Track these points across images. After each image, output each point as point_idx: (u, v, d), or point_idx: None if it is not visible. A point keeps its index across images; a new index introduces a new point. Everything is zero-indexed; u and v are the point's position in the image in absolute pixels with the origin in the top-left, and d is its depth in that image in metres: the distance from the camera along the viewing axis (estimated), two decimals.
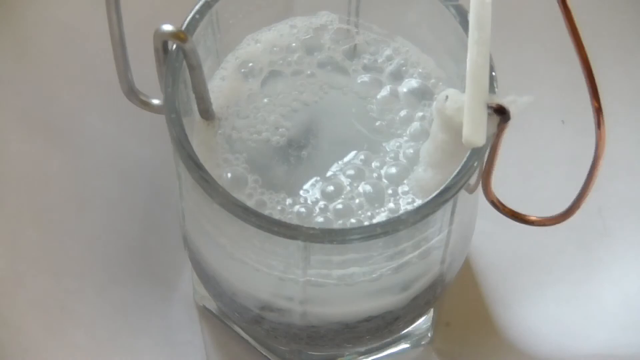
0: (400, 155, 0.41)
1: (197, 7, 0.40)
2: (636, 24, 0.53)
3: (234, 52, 0.43)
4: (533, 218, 0.39)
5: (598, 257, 0.50)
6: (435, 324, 0.50)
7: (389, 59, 0.43)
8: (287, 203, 0.40)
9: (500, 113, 0.35)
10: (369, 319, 0.42)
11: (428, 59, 0.43)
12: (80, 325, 0.48)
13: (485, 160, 0.37)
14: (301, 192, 0.40)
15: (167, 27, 0.37)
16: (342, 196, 0.40)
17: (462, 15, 0.39)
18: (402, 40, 0.43)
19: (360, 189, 0.40)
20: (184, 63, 0.38)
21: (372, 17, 0.44)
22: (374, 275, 0.39)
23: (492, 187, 0.38)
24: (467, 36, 0.36)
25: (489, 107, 0.35)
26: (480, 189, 0.39)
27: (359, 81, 0.43)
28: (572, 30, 0.35)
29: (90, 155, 0.51)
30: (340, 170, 0.41)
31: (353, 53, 0.44)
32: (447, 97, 0.37)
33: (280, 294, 0.41)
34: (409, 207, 0.39)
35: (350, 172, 0.41)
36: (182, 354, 0.49)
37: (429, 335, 0.50)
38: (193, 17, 0.40)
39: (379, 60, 0.43)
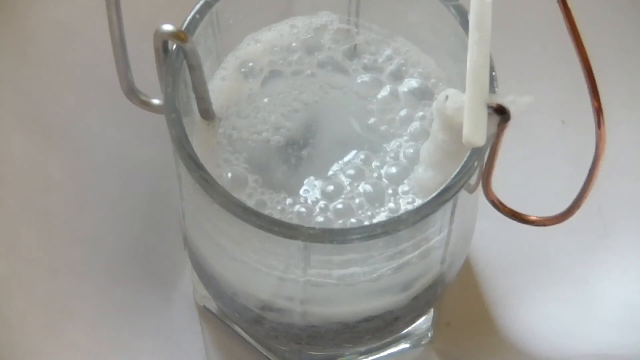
0: (401, 155, 0.41)
1: (197, 7, 0.40)
2: (636, 24, 0.53)
3: (234, 52, 0.43)
4: (533, 218, 0.39)
5: (598, 257, 0.50)
6: (436, 324, 0.50)
7: (389, 58, 0.43)
8: (287, 203, 0.40)
9: (500, 113, 0.35)
10: (369, 319, 0.42)
11: (428, 59, 0.43)
12: (80, 325, 0.48)
13: (485, 160, 0.37)
14: (301, 192, 0.40)
15: (167, 27, 0.37)
16: (342, 196, 0.40)
17: (462, 15, 0.39)
18: (402, 40, 0.43)
19: (361, 188, 0.40)
20: (184, 63, 0.38)
21: (372, 17, 0.44)
22: (374, 275, 0.39)
23: (492, 187, 0.38)
24: (467, 36, 0.36)
25: (489, 107, 0.35)
26: (480, 189, 0.39)
27: (359, 81, 0.43)
28: (572, 30, 0.35)
29: (91, 156, 0.51)
30: (341, 170, 0.41)
31: (353, 53, 0.44)
32: (447, 97, 0.37)
33: (280, 294, 0.41)
34: (409, 207, 0.39)
35: (351, 171, 0.41)
36: (182, 354, 0.49)
37: (429, 335, 0.50)
38: (193, 17, 0.40)
39: (379, 60, 0.43)
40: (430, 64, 0.43)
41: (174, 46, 0.38)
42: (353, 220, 0.39)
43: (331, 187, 0.40)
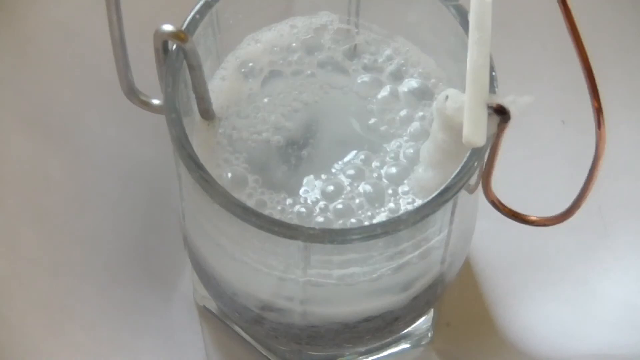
0: (401, 155, 0.41)
1: (197, 7, 0.40)
2: (636, 24, 0.53)
3: (234, 52, 0.43)
4: (533, 218, 0.39)
5: (598, 257, 0.50)
6: (436, 324, 0.50)
7: (389, 58, 0.43)
8: (287, 203, 0.40)
9: (500, 113, 0.35)
10: (369, 319, 0.42)
11: (428, 59, 0.43)
12: (80, 325, 0.48)
13: (485, 160, 0.37)
14: (301, 192, 0.40)
15: (167, 27, 0.37)
16: (342, 196, 0.40)
17: (462, 15, 0.39)
18: (402, 40, 0.43)
19: (361, 188, 0.40)
20: (184, 63, 0.38)
21: (372, 17, 0.44)
22: (374, 276, 0.39)
23: (492, 187, 0.38)
24: (467, 36, 0.36)
25: (489, 107, 0.35)
26: (480, 189, 0.39)
27: (359, 81, 0.43)
28: (572, 30, 0.35)
29: (91, 156, 0.51)
30: (341, 170, 0.41)
31: (353, 53, 0.44)
32: (447, 97, 0.37)
33: (280, 294, 0.41)
34: (409, 207, 0.39)
35: (351, 172, 0.41)
36: (182, 354, 0.49)
37: (429, 335, 0.50)
38: (193, 17, 0.40)
39: (379, 60, 0.43)
40: (430, 64, 0.43)
41: (174, 46, 0.38)
42: (353, 220, 0.39)
43: (331, 187, 0.40)
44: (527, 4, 0.54)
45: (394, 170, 0.41)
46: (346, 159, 0.41)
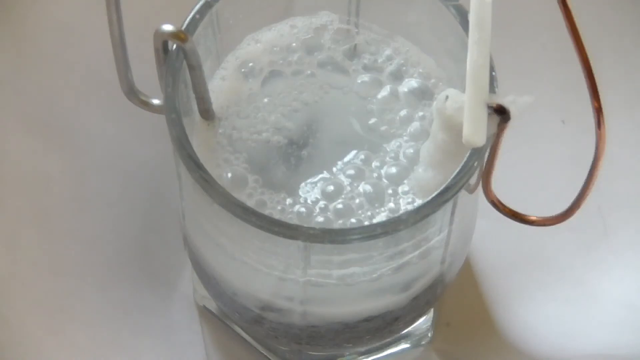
0: (401, 155, 0.41)
1: (197, 7, 0.40)
2: (636, 24, 0.53)
3: (234, 52, 0.43)
4: (533, 218, 0.39)
5: (598, 257, 0.50)
6: (435, 324, 0.50)
7: (389, 58, 0.43)
8: (287, 203, 0.40)
9: (500, 113, 0.35)
10: (369, 319, 0.42)
11: (428, 59, 0.43)
12: (80, 325, 0.48)
13: (485, 160, 0.37)
14: (301, 192, 0.40)
15: (167, 27, 0.37)
16: (342, 196, 0.40)
17: (462, 15, 0.39)
18: (402, 40, 0.43)
19: (361, 188, 0.40)
20: (184, 63, 0.38)
21: (372, 17, 0.44)
22: (374, 275, 0.39)
23: (492, 187, 0.38)
24: (467, 36, 0.36)
25: (489, 107, 0.35)
26: (480, 189, 0.39)
27: (359, 81, 0.43)
28: (572, 30, 0.35)
29: (90, 155, 0.51)
30: (341, 170, 0.41)
31: (353, 53, 0.44)
32: (447, 97, 0.37)
33: (280, 294, 0.41)
34: (409, 207, 0.39)
35: (351, 172, 0.41)
36: (182, 354, 0.49)
37: (429, 335, 0.50)
38: (193, 17, 0.40)
39: (379, 60, 0.43)
40: (430, 64, 0.43)
41: (174, 46, 0.38)
42: (353, 220, 0.39)
43: (331, 187, 0.40)
44: (527, 4, 0.54)
45: (394, 170, 0.41)
46: (346, 159, 0.41)
